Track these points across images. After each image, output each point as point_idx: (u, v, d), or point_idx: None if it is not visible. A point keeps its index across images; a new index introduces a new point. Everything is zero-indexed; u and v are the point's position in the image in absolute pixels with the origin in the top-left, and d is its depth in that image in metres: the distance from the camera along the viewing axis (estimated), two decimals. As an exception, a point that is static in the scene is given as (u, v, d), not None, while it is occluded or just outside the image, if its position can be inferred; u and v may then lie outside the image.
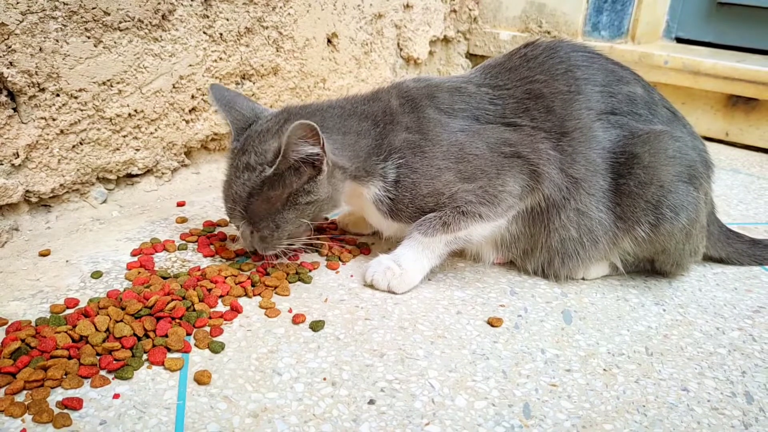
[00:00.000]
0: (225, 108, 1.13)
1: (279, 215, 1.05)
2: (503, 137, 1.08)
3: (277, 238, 1.07)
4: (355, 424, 0.79)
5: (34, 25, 1.13)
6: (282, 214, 1.05)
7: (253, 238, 1.08)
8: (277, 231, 1.06)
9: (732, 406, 0.86)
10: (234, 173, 1.07)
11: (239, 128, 1.12)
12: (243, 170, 1.05)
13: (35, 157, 1.21)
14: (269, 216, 1.05)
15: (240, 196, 1.05)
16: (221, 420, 0.78)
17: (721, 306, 1.11)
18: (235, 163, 1.08)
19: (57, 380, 0.82)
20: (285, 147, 0.99)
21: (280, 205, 1.05)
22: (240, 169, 1.06)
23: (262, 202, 1.05)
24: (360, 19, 1.82)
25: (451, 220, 1.07)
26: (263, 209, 1.05)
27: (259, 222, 1.06)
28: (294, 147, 1.00)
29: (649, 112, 1.13)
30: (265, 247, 1.09)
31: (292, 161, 1.02)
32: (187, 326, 0.94)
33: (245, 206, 1.05)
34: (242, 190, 1.05)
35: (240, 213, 1.07)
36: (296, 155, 1.01)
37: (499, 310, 1.06)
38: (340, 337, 0.96)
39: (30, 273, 1.09)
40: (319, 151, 1.01)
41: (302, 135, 0.99)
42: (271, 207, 1.05)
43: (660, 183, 1.06)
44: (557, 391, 0.87)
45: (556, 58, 1.12)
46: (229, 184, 1.08)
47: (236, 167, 1.07)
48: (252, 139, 1.08)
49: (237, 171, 1.06)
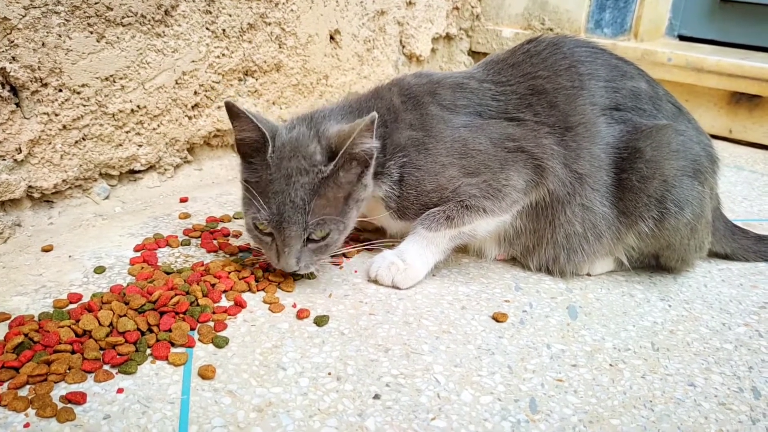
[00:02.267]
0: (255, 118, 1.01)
1: (345, 215, 1.02)
2: (506, 132, 1.08)
3: (333, 247, 1.04)
4: (361, 418, 0.78)
5: (37, 19, 1.13)
6: (347, 213, 1.03)
7: (302, 252, 1.01)
8: (342, 233, 1.03)
9: (739, 402, 0.86)
10: (285, 181, 0.98)
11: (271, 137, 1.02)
12: (296, 175, 0.98)
13: (38, 153, 1.20)
14: (333, 215, 1.01)
15: (298, 199, 0.98)
16: (226, 414, 0.78)
17: (727, 302, 1.11)
18: (281, 173, 0.99)
19: (60, 375, 0.81)
20: (351, 142, 0.97)
21: (341, 204, 1.02)
22: (291, 176, 0.98)
23: (325, 202, 1.00)
24: (362, 15, 1.82)
25: (454, 215, 1.06)
26: (327, 210, 1.00)
27: (322, 223, 0.99)
28: (359, 140, 0.98)
29: (654, 107, 1.12)
30: (315, 260, 1.03)
31: (350, 156, 1.00)
32: (191, 321, 0.94)
33: (306, 209, 0.98)
34: (301, 193, 0.98)
35: (300, 217, 0.98)
36: (359, 148, 0.99)
37: (504, 305, 1.06)
38: (344, 332, 0.96)
39: (33, 268, 1.08)
40: (376, 144, 1.01)
41: (368, 128, 0.97)
42: (335, 208, 1.01)
43: (663, 177, 1.06)
44: (563, 386, 0.87)
45: (559, 54, 1.12)
46: (281, 193, 0.98)
47: (286, 175, 0.98)
48: (290, 146, 1.01)
49: (288, 178, 0.98)
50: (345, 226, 1.03)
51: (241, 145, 1.04)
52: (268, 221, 0.99)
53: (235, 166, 1.56)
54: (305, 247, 1.01)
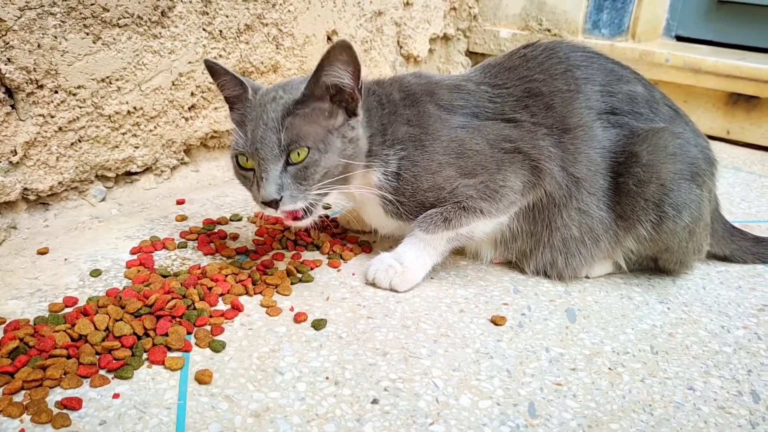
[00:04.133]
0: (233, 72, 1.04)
1: (325, 142, 0.99)
2: (503, 133, 1.08)
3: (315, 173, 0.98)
4: (359, 423, 0.78)
5: (33, 21, 1.12)
6: (329, 141, 0.99)
7: (282, 179, 0.97)
8: (323, 156, 0.98)
9: (738, 405, 0.86)
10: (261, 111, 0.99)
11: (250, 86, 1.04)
12: (270, 103, 0.99)
13: (33, 155, 1.20)
14: (311, 137, 0.98)
15: (270, 122, 0.97)
16: (223, 420, 0.77)
17: (726, 304, 1.10)
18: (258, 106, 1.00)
19: (56, 380, 0.81)
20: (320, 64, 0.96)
21: (322, 133, 0.99)
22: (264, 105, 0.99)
23: (301, 122, 0.98)
24: (360, 16, 1.81)
25: (452, 216, 1.06)
26: (304, 130, 0.97)
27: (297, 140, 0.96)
28: (329, 66, 0.97)
29: (650, 110, 1.12)
30: (297, 191, 0.97)
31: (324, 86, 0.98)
32: (188, 325, 0.93)
33: (280, 128, 0.96)
34: (273, 116, 0.97)
35: (273, 138, 0.96)
36: (331, 79, 0.98)
37: (503, 308, 1.05)
38: (342, 335, 0.95)
39: (28, 271, 1.08)
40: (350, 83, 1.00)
41: (342, 53, 0.96)
42: (313, 130, 0.98)
43: (661, 181, 1.05)
44: (562, 390, 0.86)
45: (555, 58, 1.12)
46: (255, 122, 0.98)
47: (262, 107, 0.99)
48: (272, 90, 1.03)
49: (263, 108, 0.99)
50: (326, 149, 0.99)
51: (228, 98, 1.07)
52: (245, 147, 0.99)
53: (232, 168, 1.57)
54: (284, 172, 0.97)
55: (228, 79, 1.04)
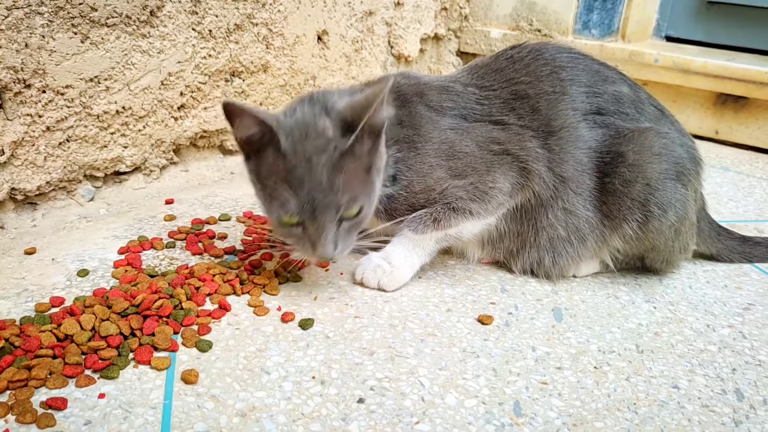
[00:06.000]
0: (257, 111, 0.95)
1: (370, 186, 0.98)
2: (491, 135, 1.08)
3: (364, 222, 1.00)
4: (345, 423, 0.78)
5: (20, 20, 1.12)
6: (372, 185, 0.99)
7: (338, 234, 0.96)
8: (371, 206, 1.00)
9: (722, 404, 0.86)
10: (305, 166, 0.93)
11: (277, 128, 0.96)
12: (315, 156, 0.93)
13: (21, 155, 1.19)
14: (360, 189, 0.96)
15: (324, 180, 0.92)
16: (208, 419, 0.77)
17: (712, 303, 1.11)
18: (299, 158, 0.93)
19: (41, 380, 0.81)
20: (374, 110, 0.92)
21: (364, 176, 0.97)
22: (310, 159, 0.93)
23: (350, 177, 0.95)
24: (350, 16, 1.82)
25: (441, 217, 1.06)
26: (353, 185, 0.95)
27: (353, 200, 0.95)
28: (380, 108, 0.94)
29: (636, 110, 1.13)
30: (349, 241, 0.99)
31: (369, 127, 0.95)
32: (175, 325, 0.93)
33: (334, 188, 0.93)
34: (325, 174, 0.93)
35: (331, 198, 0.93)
36: (379, 117, 0.96)
37: (490, 307, 1.06)
38: (329, 335, 0.95)
39: (15, 271, 1.07)
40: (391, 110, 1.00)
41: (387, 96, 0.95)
42: (360, 181, 0.97)
43: (646, 181, 1.06)
44: (548, 389, 0.87)
45: (541, 60, 1.12)
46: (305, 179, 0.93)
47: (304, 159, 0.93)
48: (299, 130, 0.95)
49: (308, 162, 0.93)
50: (373, 198, 1.00)
51: (246, 143, 0.99)
52: (300, 211, 0.94)
53: (222, 167, 1.57)
54: (338, 229, 0.97)
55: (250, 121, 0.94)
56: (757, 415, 0.84)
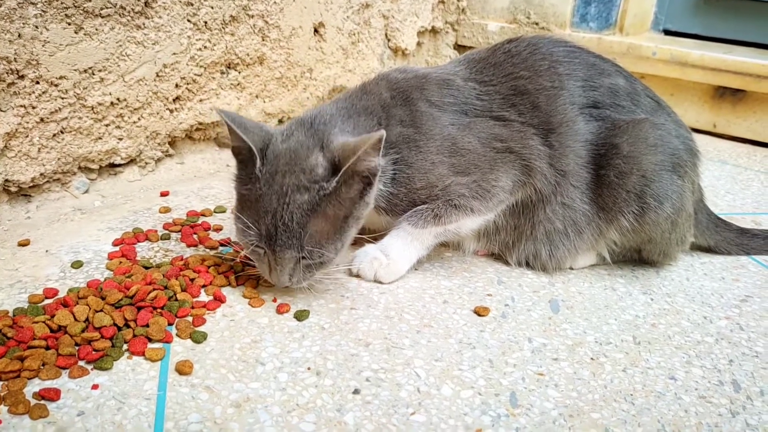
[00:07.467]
0: (241, 128, 0.95)
1: (343, 234, 0.97)
2: (494, 132, 1.07)
3: (326, 266, 0.98)
4: (340, 413, 0.78)
5: (13, 10, 1.11)
6: (345, 232, 0.97)
7: (295, 269, 0.95)
8: (339, 251, 0.98)
9: (719, 395, 0.86)
10: (277, 199, 0.92)
11: (260, 149, 0.96)
12: (293, 193, 0.92)
13: (15, 146, 1.18)
14: (331, 236, 0.95)
15: (294, 221, 0.91)
16: (203, 410, 0.77)
17: (709, 295, 1.11)
18: (274, 189, 0.92)
19: (34, 371, 0.80)
20: (356, 158, 0.91)
21: (340, 223, 0.96)
22: (286, 194, 0.92)
23: (323, 222, 0.94)
24: (347, 8, 1.81)
25: (442, 213, 1.06)
26: (325, 230, 0.94)
27: (319, 246, 0.93)
28: (364, 157, 0.92)
29: (632, 102, 1.12)
30: (306, 276, 0.97)
31: (353, 172, 0.94)
32: (169, 316, 0.92)
33: (302, 232, 0.92)
34: (298, 214, 0.91)
35: (295, 241, 0.92)
36: (363, 166, 0.93)
37: (486, 299, 1.05)
38: (324, 326, 0.95)
39: (8, 263, 1.07)
40: (381, 162, 0.97)
41: (374, 147, 0.91)
42: (333, 226, 0.95)
43: (642, 173, 1.06)
44: (544, 380, 0.86)
45: (538, 55, 1.12)
46: (273, 213, 0.92)
47: (279, 192, 0.92)
48: (286, 158, 0.95)
49: (282, 196, 0.92)
50: (342, 246, 0.98)
51: (236, 153, 0.99)
52: (257, 242, 0.94)
53: (218, 160, 1.56)
54: (298, 264, 0.95)
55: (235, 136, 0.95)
56: (754, 405, 0.84)
